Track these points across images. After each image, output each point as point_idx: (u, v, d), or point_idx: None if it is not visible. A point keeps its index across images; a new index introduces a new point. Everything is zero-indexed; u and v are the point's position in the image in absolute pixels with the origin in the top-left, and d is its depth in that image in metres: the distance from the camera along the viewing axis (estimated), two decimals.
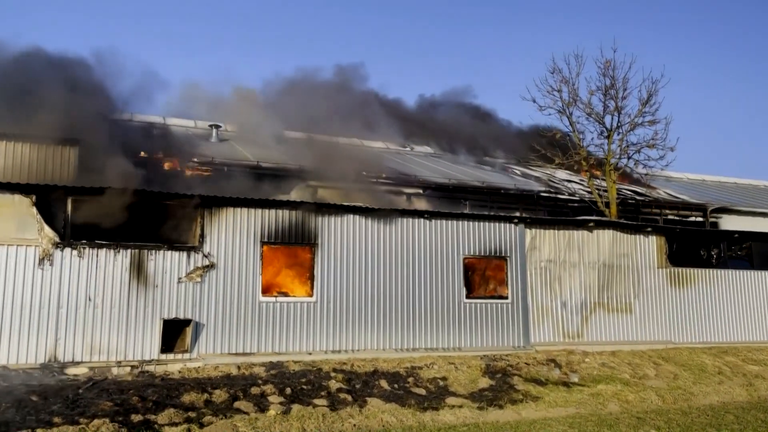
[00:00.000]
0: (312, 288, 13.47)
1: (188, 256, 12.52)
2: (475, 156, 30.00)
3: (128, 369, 11.74)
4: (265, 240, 13.21)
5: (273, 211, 13.35)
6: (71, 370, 11.35)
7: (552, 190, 24.00)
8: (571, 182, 27.49)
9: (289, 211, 13.48)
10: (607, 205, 20.17)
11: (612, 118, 19.75)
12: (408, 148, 30.64)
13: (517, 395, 12.01)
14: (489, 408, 11.06)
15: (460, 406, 11.03)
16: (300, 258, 13.63)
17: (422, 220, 14.62)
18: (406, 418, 10.32)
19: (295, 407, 10.50)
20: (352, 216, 14.01)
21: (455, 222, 14.94)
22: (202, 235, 12.69)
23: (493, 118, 32.99)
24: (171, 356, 12.14)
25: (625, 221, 17.74)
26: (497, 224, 15.41)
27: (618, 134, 20.22)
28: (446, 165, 26.44)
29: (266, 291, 13.08)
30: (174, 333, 12.35)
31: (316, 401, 10.98)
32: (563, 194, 23.99)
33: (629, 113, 19.89)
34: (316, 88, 25.42)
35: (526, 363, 14.45)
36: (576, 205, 23.64)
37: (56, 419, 9.26)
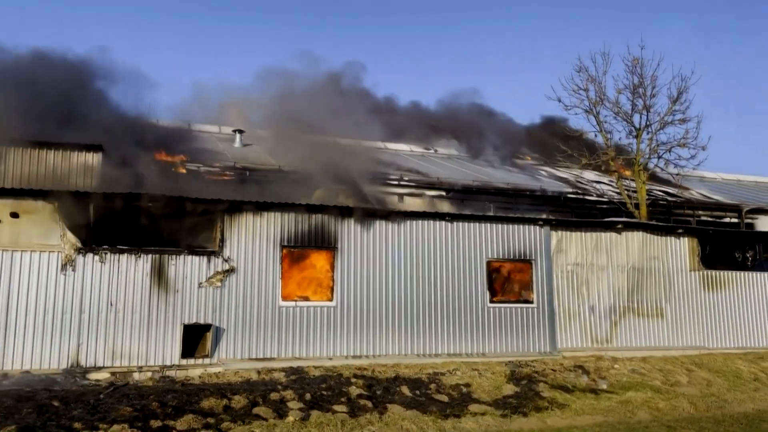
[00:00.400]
0: (332, 292, 13.34)
1: (208, 261, 12.50)
2: (501, 157, 29.63)
3: (149, 374, 11.76)
4: (285, 244, 13.13)
5: (293, 215, 13.26)
6: (93, 375, 11.41)
7: (579, 192, 23.52)
8: (599, 183, 26.93)
9: (309, 215, 13.38)
10: (637, 206, 19.63)
11: (640, 117, 19.25)
12: (432, 150, 30.42)
13: (542, 402, 11.68)
14: (513, 415, 10.77)
15: (483, 414, 10.77)
16: (320, 262, 13.51)
17: (444, 222, 14.38)
18: (426, 426, 10.10)
19: (315, 413, 10.37)
20: (372, 219, 13.84)
21: (478, 224, 14.66)
22: (222, 240, 12.66)
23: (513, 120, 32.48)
24: (192, 361, 12.12)
25: (655, 222, 17.23)
26: (521, 226, 15.08)
27: (647, 133, 19.68)
28: (471, 167, 26.13)
29: (286, 295, 13.00)
30: (195, 338, 12.34)
31: (336, 407, 10.83)
32: (591, 195, 23.49)
33: (659, 112, 19.36)
34: (333, 91, 25.36)
35: (552, 369, 14.09)
36: (605, 206, 23.11)
37: (76, 425, 9.27)
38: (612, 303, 16.05)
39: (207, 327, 12.26)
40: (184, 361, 12.07)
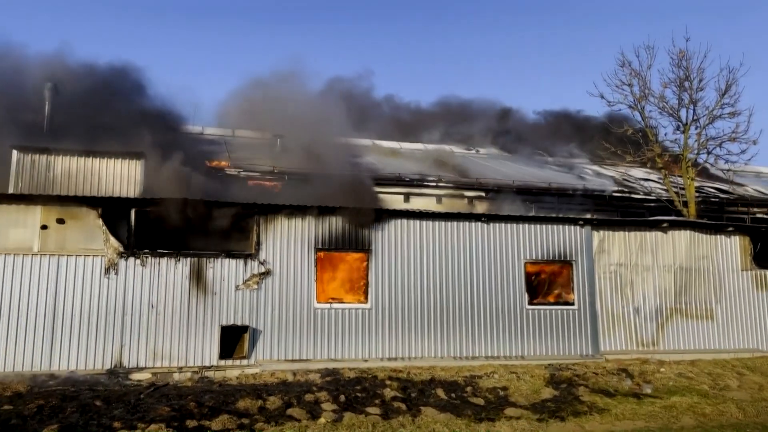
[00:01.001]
0: (366, 294, 13.36)
1: (245, 264, 12.71)
2: (546, 157, 29.10)
3: (189, 375, 12.03)
4: (320, 246, 13.23)
5: (327, 218, 13.35)
6: (135, 376, 11.75)
7: (626, 190, 22.86)
8: (647, 181, 26.13)
9: (343, 218, 13.43)
10: (685, 204, 18.92)
11: (687, 112, 18.55)
12: (473, 150, 30.13)
13: (581, 407, 11.37)
14: (550, 420, 10.51)
15: (519, 418, 10.56)
16: (354, 264, 13.55)
17: (479, 223, 14.20)
18: (460, 429, 9.97)
19: (347, 415, 10.39)
20: (406, 221, 13.80)
21: (515, 225, 14.42)
22: (258, 243, 12.86)
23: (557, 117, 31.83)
24: (230, 362, 12.34)
25: (703, 221, 16.56)
26: (561, 226, 14.75)
27: (695, 128, 18.96)
28: (512, 166, 25.75)
29: (321, 298, 13.09)
30: (233, 339, 12.56)
31: (369, 409, 10.82)
32: (638, 193, 22.81)
33: (707, 106, 18.62)
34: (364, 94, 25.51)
35: (594, 372, 13.71)
36: (653, 204, 22.42)
37: (116, 424, 9.56)
38: (658, 304, 15.51)
39: (244, 329, 12.46)
40: (222, 362, 12.29)
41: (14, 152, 13.59)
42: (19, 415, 9.73)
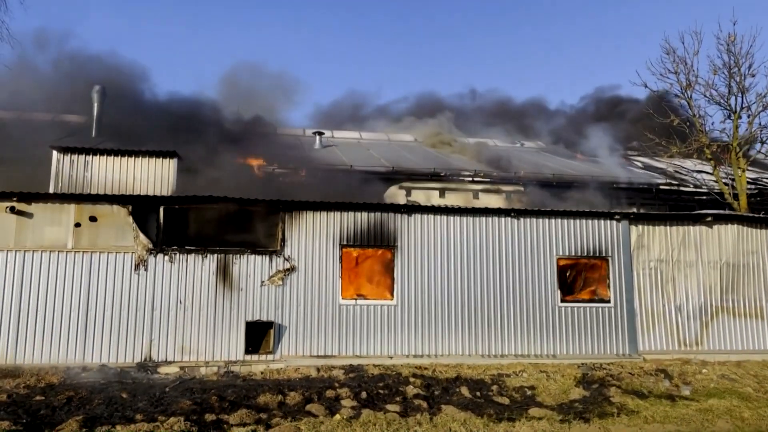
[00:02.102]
0: (392, 291, 13.25)
1: (270, 260, 12.83)
2: (592, 149, 28.21)
3: (215, 369, 12.24)
4: (344, 243, 13.20)
5: (352, 214, 13.31)
6: (163, 369, 12.05)
7: (674, 183, 21.88)
8: (701, 173, 24.93)
9: (368, 214, 13.37)
10: (736, 196, 17.92)
11: (736, 99, 17.54)
12: (518, 144, 29.54)
13: (610, 408, 10.93)
14: (574, 421, 10.13)
15: (540, 418, 10.23)
16: (380, 260, 13.46)
17: (509, 218, 13.86)
18: (477, 429, 9.74)
19: (365, 412, 10.32)
20: (432, 216, 13.60)
21: (546, 220, 14.00)
22: (283, 239, 12.95)
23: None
24: (255, 357, 12.49)
25: (751, 214, 15.63)
26: (595, 221, 14.23)
27: (747, 116, 17.91)
28: (556, 160, 25.08)
29: (346, 294, 13.07)
30: (258, 335, 12.71)
31: (389, 407, 10.73)
32: (688, 186, 21.78)
33: (759, 92, 17.55)
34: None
35: (630, 373, 13.18)
36: (704, 198, 21.40)
37: (138, 416, 9.82)
38: (702, 302, 14.76)
39: (269, 324, 12.58)
40: (248, 357, 12.46)
41: (54, 153, 14.15)
42: (49, 406, 10.13)
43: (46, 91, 23.74)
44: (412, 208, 13.63)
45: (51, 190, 13.99)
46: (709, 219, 14.92)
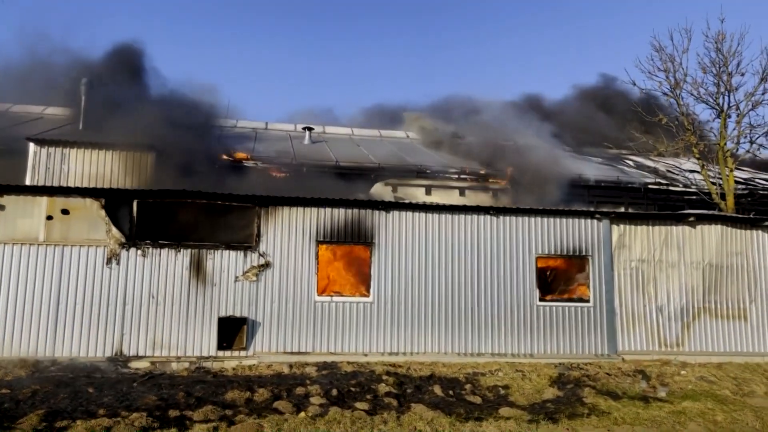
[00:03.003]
0: (369, 288, 13.13)
1: (245, 256, 12.72)
2: (584, 147, 28.02)
3: (186, 365, 12.15)
4: (321, 239, 13.08)
5: (329, 210, 13.19)
6: (134, 364, 11.95)
7: (664, 182, 21.71)
8: (693, 173, 24.74)
9: (346, 210, 13.25)
10: (723, 196, 17.74)
11: (724, 98, 17.36)
12: (511, 143, 29.33)
13: (581, 409, 10.80)
14: (542, 422, 10.02)
15: (509, 418, 10.11)
16: (357, 257, 13.34)
17: (488, 216, 13.72)
18: (442, 428, 9.63)
19: (333, 410, 10.20)
20: (411, 213, 13.47)
21: (526, 218, 13.86)
22: (258, 235, 12.83)
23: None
24: (228, 353, 12.39)
25: (736, 214, 15.46)
26: (575, 220, 14.09)
27: (736, 115, 17.72)
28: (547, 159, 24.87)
29: (322, 290, 12.95)
30: (232, 331, 12.60)
31: (358, 405, 10.61)
32: (677, 186, 21.61)
33: (749, 91, 17.34)
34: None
35: (607, 373, 13.05)
36: (693, 198, 21.21)
37: (101, 411, 9.70)
38: (684, 303, 14.62)
39: (242, 320, 12.48)
40: (220, 353, 12.35)
41: (31, 145, 14.05)
42: (13, 399, 10.04)
43: (36, 83, 23.66)
44: (390, 205, 13.50)
45: (27, 183, 13.89)
46: (692, 219, 14.77)
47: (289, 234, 13.00)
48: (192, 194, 12.62)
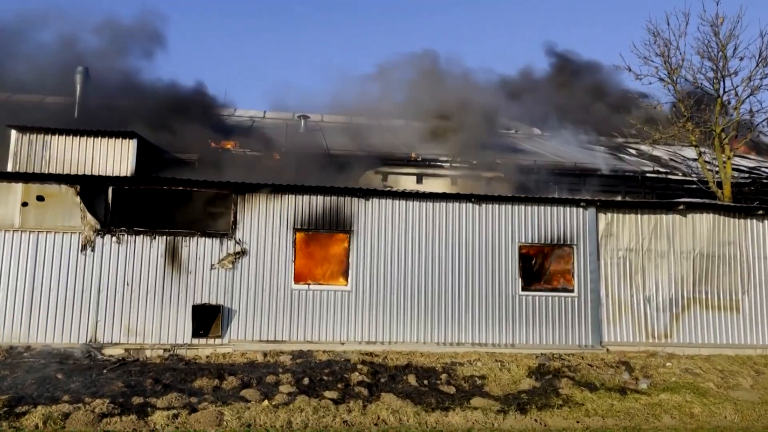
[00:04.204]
0: (347, 276, 12.97)
1: (221, 243, 12.61)
2: (588, 135, 27.51)
3: (160, 352, 12.11)
4: (299, 227, 12.93)
5: (306, 197, 13.03)
6: (108, 351, 11.94)
7: (662, 171, 21.22)
8: (696, 161, 24.19)
9: (324, 197, 13.08)
10: (720, 185, 17.28)
11: (721, 83, 16.84)
12: (513, 131, 28.93)
13: (555, 400, 10.58)
14: (510, 413, 9.82)
15: (476, 408, 9.93)
16: (335, 245, 13.19)
17: (470, 204, 13.47)
18: (407, 418, 9.49)
19: (300, 398, 10.09)
20: (390, 201, 13.27)
21: (509, 206, 13.58)
22: (234, 222, 12.72)
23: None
24: (203, 341, 12.33)
25: (728, 203, 15.03)
26: (560, 208, 13.78)
27: (734, 101, 17.21)
28: (548, 147, 24.48)
29: (299, 278, 12.81)
30: (208, 318, 12.52)
31: (327, 393, 10.49)
32: (677, 175, 21.12)
33: (748, 77, 16.81)
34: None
35: (589, 364, 12.79)
36: (694, 186, 20.69)
37: (65, 397, 9.70)
38: (673, 294, 14.26)
39: (216, 308, 12.39)
40: (195, 341, 12.29)
41: (12, 132, 14.05)
42: None
43: (35, 72, 23.76)
44: (369, 192, 13.31)
45: (9, 169, 13.90)
46: (682, 207, 14.39)
47: (266, 221, 12.86)
48: (167, 181, 12.54)
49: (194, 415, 9.23)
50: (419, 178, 19.22)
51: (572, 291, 13.69)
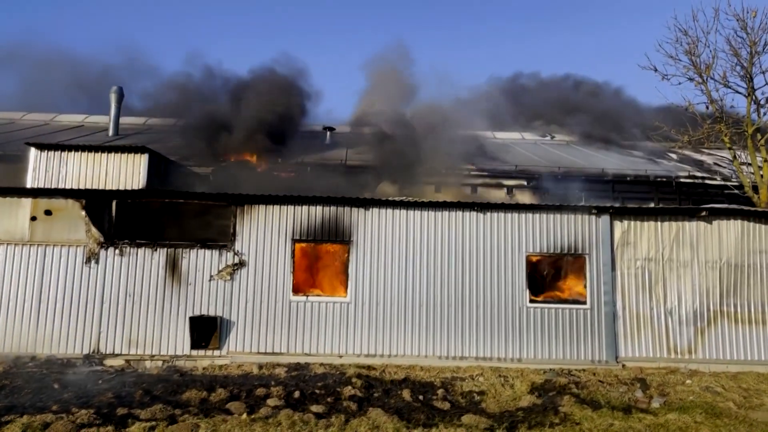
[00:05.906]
0: (346, 288, 12.77)
1: (220, 254, 12.67)
2: (626, 142, 26.45)
3: (159, 363, 12.22)
4: (297, 238, 12.85)
5: (305, 208, 12.94)
6: (109, 362, 12.14)
7: (699, 176, 20.05)
8: (743, 165, 22.79)
9: (323, 207, 12.95)
10: (756, 189, 16.15)
11: (752, 80, 15.77)
12: (548, 137, 28.19)
13: (551, 418, 9.99)
14: (498, 431, 9.33)
15: (462, 425, 9.48)
16: (334, 256, 13.02)
17: (473, 212, 13.05)
18: None
19: (283, 412, 9.91)
20: (391, 210, 13.01)
21: (515, 214, 13.07)
22: (233, 234, 12.76)
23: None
24: (201, 353, 12.37)
25: (757, 209, 13.97)
26: (570, 215, 13.16)
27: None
28: (580, 154, 23.65)
29: (297, 290, 12.71)
30: (207, 330, 12.57)
31: (314, 407, 10.29)
32: (714, 179, 19.92)
33: None
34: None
35: (600, 381, 12.09)
36: (736, 192, 19.47)
37: (54, 407, 9.86)
38: (698, 306, 13.36)
39: (213, 319, 12.42)
40: (194, 352, 12.36)
41: (32, 150, 14.62)
42: None
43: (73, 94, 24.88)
44: (369, 202, 13.09)
45: (29, 185, 14.45)
46: (705, 213, 13.48)
47: (265, 232, 12.84)
48: (167, 194, 12.72)
49: (171, 428, 9.19)
50: (437, 187, 18.87)
51: (584, 303, 13.02)
